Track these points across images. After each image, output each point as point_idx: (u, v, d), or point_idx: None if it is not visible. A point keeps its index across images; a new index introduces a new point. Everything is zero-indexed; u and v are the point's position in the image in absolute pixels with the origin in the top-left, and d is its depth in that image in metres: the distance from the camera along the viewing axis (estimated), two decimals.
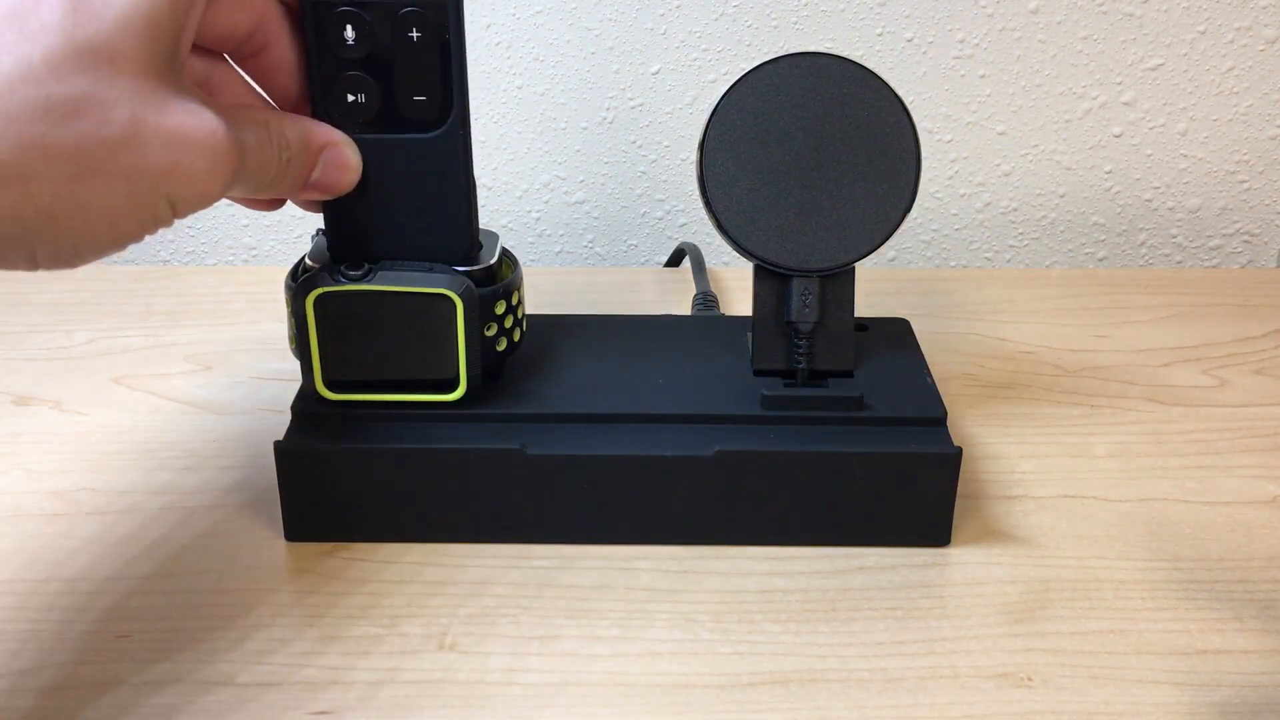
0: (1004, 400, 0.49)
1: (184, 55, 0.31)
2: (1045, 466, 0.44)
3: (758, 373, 0.41)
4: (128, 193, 0.29)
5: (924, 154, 0.40)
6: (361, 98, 0.36)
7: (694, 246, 0.59)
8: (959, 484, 0.39)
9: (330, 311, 0.38)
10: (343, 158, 0.36)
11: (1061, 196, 0.67)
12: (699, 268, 0.57)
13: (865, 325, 0.44)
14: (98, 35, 0.28)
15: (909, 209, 0.40)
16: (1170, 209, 0.68)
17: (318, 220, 0.38)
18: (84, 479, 0.43)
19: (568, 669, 0.35)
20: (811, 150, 0.39)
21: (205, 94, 0.32)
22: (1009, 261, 0.69)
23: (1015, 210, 0.68)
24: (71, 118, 0.28)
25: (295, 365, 0.39)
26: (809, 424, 0.39)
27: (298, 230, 0.66)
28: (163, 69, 0.30)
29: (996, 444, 0.46)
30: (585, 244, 0.68)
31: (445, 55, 0.36)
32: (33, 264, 0.29)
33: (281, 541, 0.40)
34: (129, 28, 0.29)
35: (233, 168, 0.31)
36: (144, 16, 0.29)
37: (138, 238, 0.30)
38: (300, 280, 0.37)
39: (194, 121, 0.30)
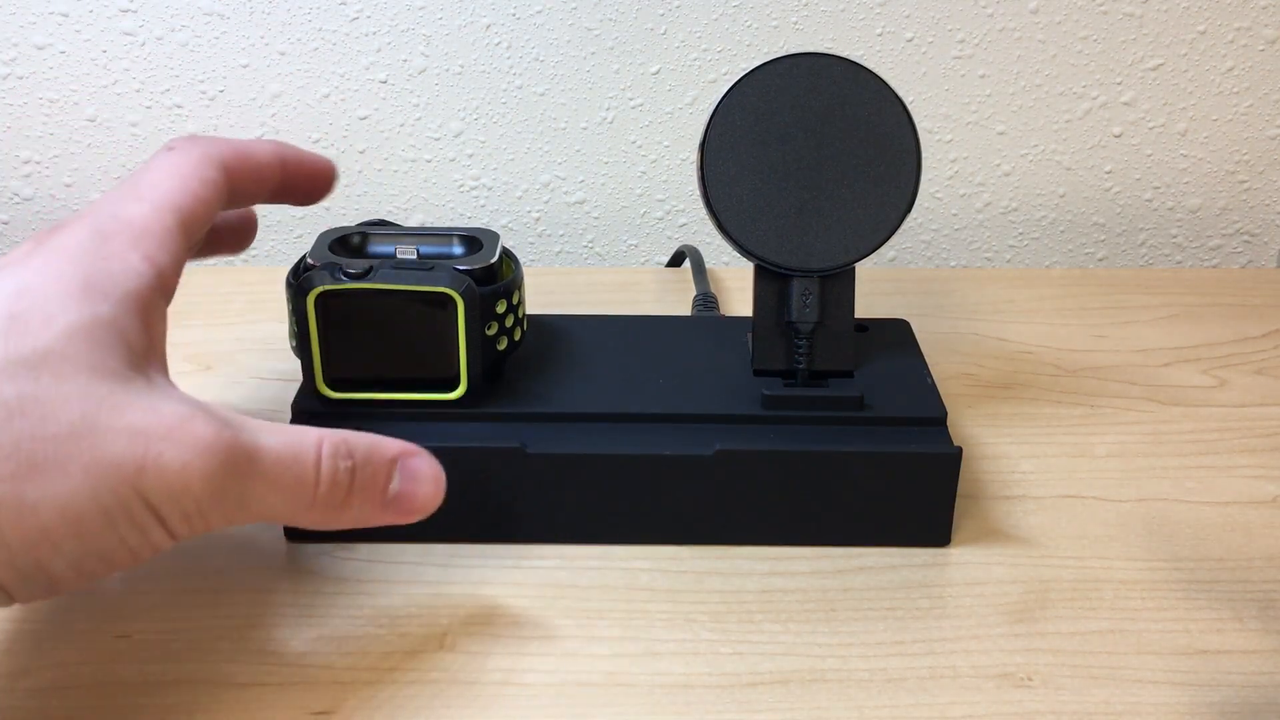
0: (1004, 400, 0.49)
1: (154, 360, 0.29)
2: (1045, 466, 0.44)
3: (758, 373, 0.41)
4: (90, 493, 0.26)
5: (924, 154, 0.40)
6: None
7: (694, 249, 0.59)
8: (959, 484, 0.39)
9: (331, 310, 0.38)
10: (422, 470, 0.33)
11: (1061, 196, 0.67)
12: (699, 270, 0.57)
13: (865, 326, 0.44)
14: (37, 347, 0.26)
15: (909, 209, 0.40)
16: (1170, 209, 0.68)
17: (317, 221, 0.38)
18: None
19: (568, 669, 0.35)
20: (812, 150, 0.39)
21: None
22: (1009, 261, 0.69)
23: (1015, 210, 0.68)
24: (7, 420, 0.25)
25: (295, 365, 0.39)
26: (809, 424, 0.39)
27: (298, 230, 0.66)
28: (122, 372, 0.28)
29: (996, 444, 0.46)
30: (585, 244, 0.68)
31: None
32: (7, 598, 0.27)
33: (281, 541, 0.40)
34: (73, 339, 0.27)
35: (229, 464, 0.28)
36: (89, 329, 0.27)
37: (120, 554, 0.27)
38: (301, 279, 0.37)
39: (164, 411, 0.27)
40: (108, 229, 0.30)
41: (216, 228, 0.38)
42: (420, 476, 0.33)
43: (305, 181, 0.37)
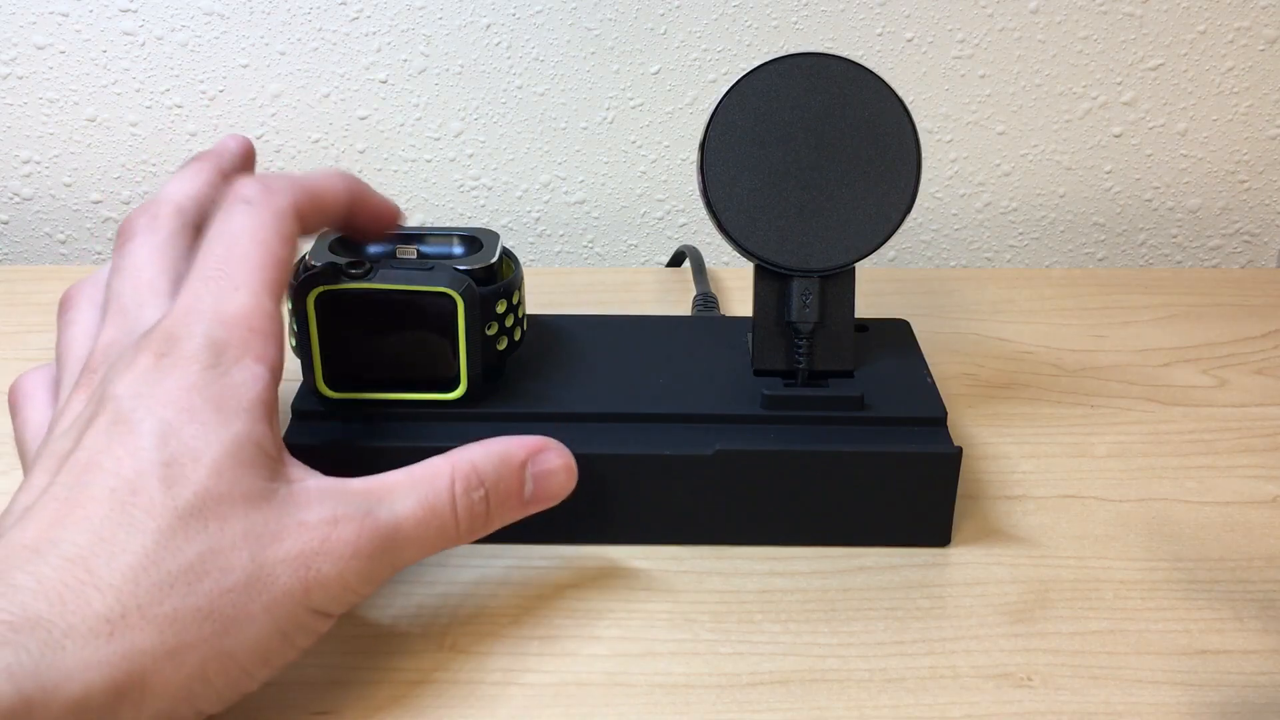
0: (1004, 400, 0.49)
1: (284, 454, 0.32)
2: (1045, 466, 0.44)
3: (758, 373, 0.41)
4: (272, 626, 0.29)
5: (924, 154, 0.40)
6: None
7: (694, 249, 0.59)
8: (959, 484, 0.39)
9: (331, 310, 0.38)
10: (552, 463, 0.35)
11: (1061, 196, 0.67)
12: (699, 270, 0.57)
13: (865, 326, 0.44)
14: (196, 491, 0.29)
15: (909, 209, 0.40)
16: (1170, 209, 0.68)
17: None
18: None
19: (568, 669, 0.35)
20: (812, 150, 0.39)
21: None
22: (1009, 261, 0.69)
23: (1015, 210, 0.68)
24: (196, 581, 0.28)
25: (295, 365, 0.39)
26: (809, 424, 0.39)
27: None
28: (268, 489, 0.30)
29: (996, 444, 0.46)
30: (585, 244, 0.68)
31: None
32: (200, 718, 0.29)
33: None
34: (222, 473, 0.29)
35: (377, 549, 0.31)
36: (232, 455, 0.30)
37: (295, 654, 0.31)
38: (301, 279, 0.37)
39: (311, 523, 0.30)
40: (219, 338, 0.31)
41: None
42: (551, 469, 0.35)
43: (369, 222, 0.38)
